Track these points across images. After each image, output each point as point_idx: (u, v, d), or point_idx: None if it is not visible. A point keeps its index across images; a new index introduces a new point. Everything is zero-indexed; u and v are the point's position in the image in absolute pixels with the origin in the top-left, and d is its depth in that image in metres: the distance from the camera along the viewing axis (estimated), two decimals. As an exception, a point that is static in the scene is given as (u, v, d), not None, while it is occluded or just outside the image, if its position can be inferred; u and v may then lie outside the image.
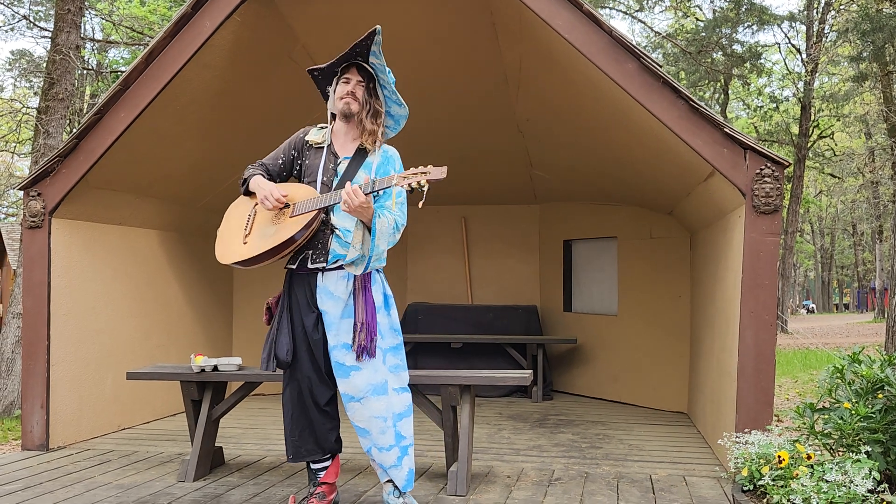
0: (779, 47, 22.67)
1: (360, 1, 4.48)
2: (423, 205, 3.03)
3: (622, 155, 5.36)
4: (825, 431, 3.07)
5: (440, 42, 4.95)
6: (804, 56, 19.88)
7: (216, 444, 4.28)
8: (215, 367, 4.08)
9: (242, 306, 6.87)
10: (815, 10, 19.22)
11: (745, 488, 2.98)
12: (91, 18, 16.95)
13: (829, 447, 3.09)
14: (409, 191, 3.01)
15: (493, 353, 7.14)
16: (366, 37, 3.23)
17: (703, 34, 17.82)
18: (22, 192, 4.78)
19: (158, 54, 4.44)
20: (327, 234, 3.24)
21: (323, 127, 3.46)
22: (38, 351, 4.66)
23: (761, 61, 18.60)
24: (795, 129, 20.81)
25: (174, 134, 4.97)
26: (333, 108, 3.39)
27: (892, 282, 8.54)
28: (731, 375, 4.07)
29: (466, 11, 4.53)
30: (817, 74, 20.03)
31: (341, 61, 3.34)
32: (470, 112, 5.90)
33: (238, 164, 5.13)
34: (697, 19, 20.68)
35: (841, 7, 18.70)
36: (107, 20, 14.03)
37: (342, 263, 3.21)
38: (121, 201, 5.18)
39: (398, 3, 4.52)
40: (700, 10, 21.45)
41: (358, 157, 3.33)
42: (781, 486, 2.77)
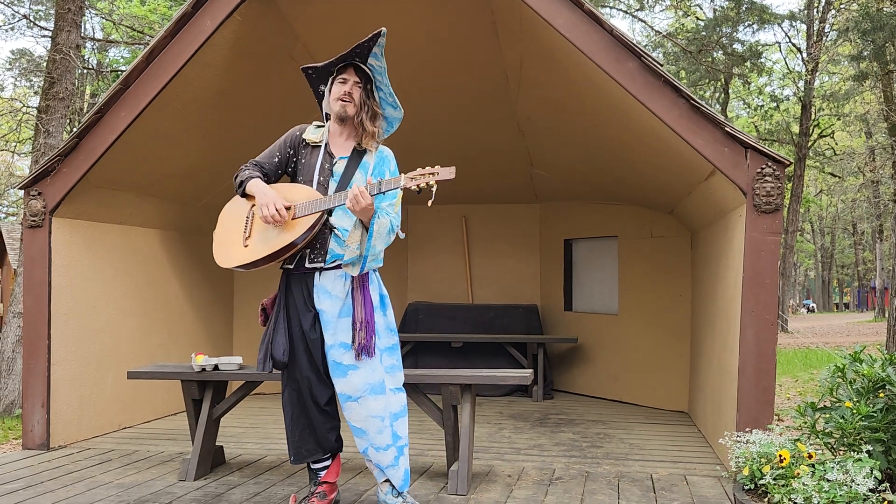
0: (779, 46, 22.69)
1: (360, 0, 4.47)
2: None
3: (623, 154, 5.36)
4: (826, 430, 3.07)
5: (441, 41, 4.95)
6: (804, 55, 19.88)
7: (217, 444, 4.28)
8: (216, 367, 4.08)
9: (243, 305, 6.86)
10: (815, 9, 19.21)
11: (746, 487, 2.98)
12: (91, 18, 16.94)
13: (830, 446, 3.08)
14: (418, 191, 3.00)
15: (493, 352, 7.14)
16: (370, 38, 3.21)
17: (704, 33, 17.83)
18: (22, 192, 4.78)
19: (159, 53, 4.44)
20: (326, 233, 3.22)
21: (319, 125, 3.43)
22: (39, 350, 4.66)
23: (762, 60, 18.59)
24: (796, 129, 20.82)
25: (175, 133, 4.97)
26: (328, 108, 3.37)
27: (893, 281, 8.53)
28: (731, 374, 4.07)
29: (467, 11, 4.53)
30: (818, 73, 20.02)
31: (339, 61, 3.31)
32: (470, 111, 5.90)
33: (239, 163, 5.12)
34: (698, 18, 20.67)
35: (841, 6, 18.70)
36: (107, 19, 14.03)
37: (340, 263, 3.21)
38: (121, 200, 5.18)
39: (399, 2, 4.51)
40: (700, 9, 21.45)
41: (354, 157, 3.31)
42: (783, 486, 2.77)
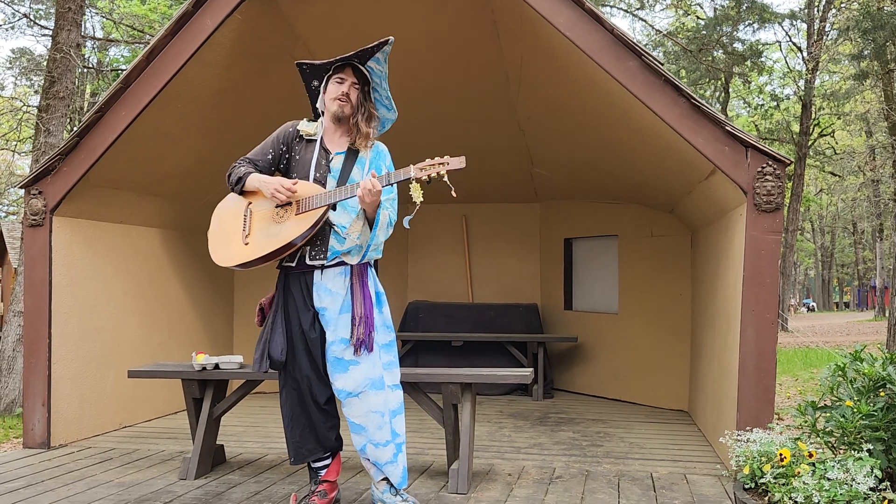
0: (779, 45, 22.68)
1: (360, 0, 4.47)
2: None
3: (623, 153, 5.36)
4: (827, 429, 3.07)
5: (441, 40, 4.95)
6: (805, 54, 19.87)
7: (217, 443, 4.28)
8: (216, 366, 4.08)
9: (243, 305, 6.86)
10: (815, 8, 19.20)
11: (746, 486, 2.98)
12: (91, 17, 16.93)
13: (830, 445, 3.09)
14: (428, 181, 3.01)
15: (493, 351, 7.14)
16: (376, 44, 3.21)
17: (704, 32, 17.82)
18: (23, 191, 4.78)
19: (159, 52, 4.44)
20: (326, 230, 3.21)
21: (312, 119, 3.43)
22: (40, 349, 4.66)
23: (762, 59, 18.58)
24: (796, 128, 20.81)
25: (175, 132, 4.97)
26: (322, 105, 3.38)
27: (893, 280, 8.53)
28: (732, 373, 4.07)
29: (467, 10, 4.53)
30: (818, 72, 20.01)
31: (339, 61, 3.31)
32: (471, 110, 5.90)
33: (239, 163, 5.13)
34: (698, 17, 20.66)
35: (842, 5, 18.68)
36: (107, 18, 14.01)
37: (339, 251, 3.20)
38: (122, 199, 5.18)
39: (399, 2, 4.51)
40: (701, 8, 21.45)
41: (350, 153, 3.32)
42: (783, 484, 2.77)
